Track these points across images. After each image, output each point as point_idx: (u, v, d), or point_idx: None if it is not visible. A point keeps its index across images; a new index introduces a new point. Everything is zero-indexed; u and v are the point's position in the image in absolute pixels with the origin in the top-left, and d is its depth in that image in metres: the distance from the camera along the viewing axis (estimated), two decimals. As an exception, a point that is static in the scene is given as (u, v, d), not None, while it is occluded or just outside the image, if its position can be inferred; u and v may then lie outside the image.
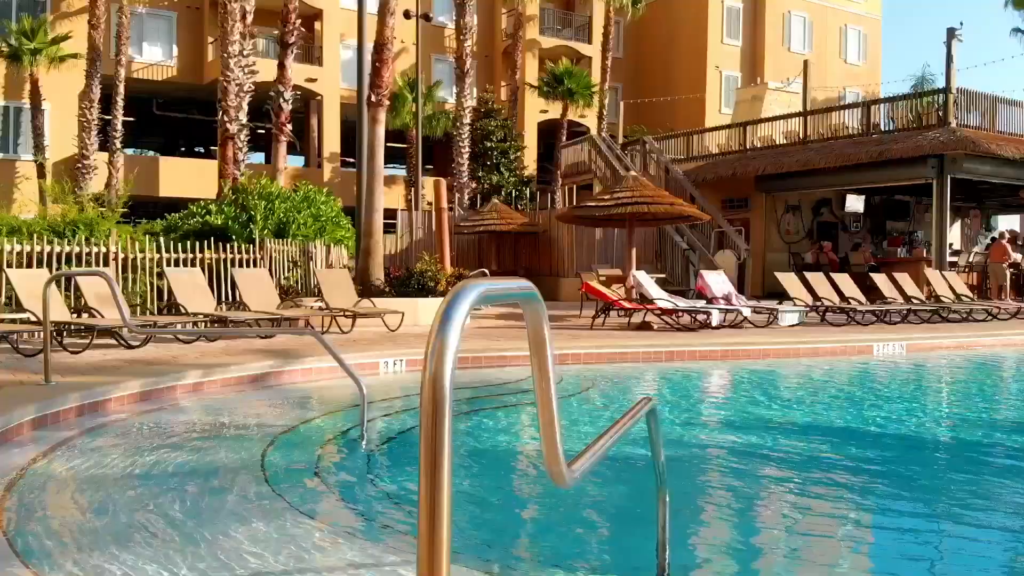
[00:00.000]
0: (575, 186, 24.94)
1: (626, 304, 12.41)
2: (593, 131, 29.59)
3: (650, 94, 35.01)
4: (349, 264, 14.08)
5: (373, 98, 13.17)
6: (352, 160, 18.43)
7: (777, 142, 22.20)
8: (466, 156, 27.56)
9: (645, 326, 12.13)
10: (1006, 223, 29.84)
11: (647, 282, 12.78)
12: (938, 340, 11.43)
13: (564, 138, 29.90)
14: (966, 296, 15.86)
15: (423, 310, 12.10)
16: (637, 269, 13.55)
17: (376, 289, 12.56)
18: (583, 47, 35.33)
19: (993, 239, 25.34)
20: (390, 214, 20.35)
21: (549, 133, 32.99)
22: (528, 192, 28.82)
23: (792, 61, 31.97)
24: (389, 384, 7.61)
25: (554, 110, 31.96)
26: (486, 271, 16.14)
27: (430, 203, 21.43)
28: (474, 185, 28.54)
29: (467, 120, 27.56)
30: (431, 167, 34.47)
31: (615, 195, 13.80)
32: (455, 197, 25.42)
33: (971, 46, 38.55)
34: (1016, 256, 20.05)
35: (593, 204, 14.43)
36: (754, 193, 22.32)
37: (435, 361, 1.07)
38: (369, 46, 13.69)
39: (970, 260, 22.32)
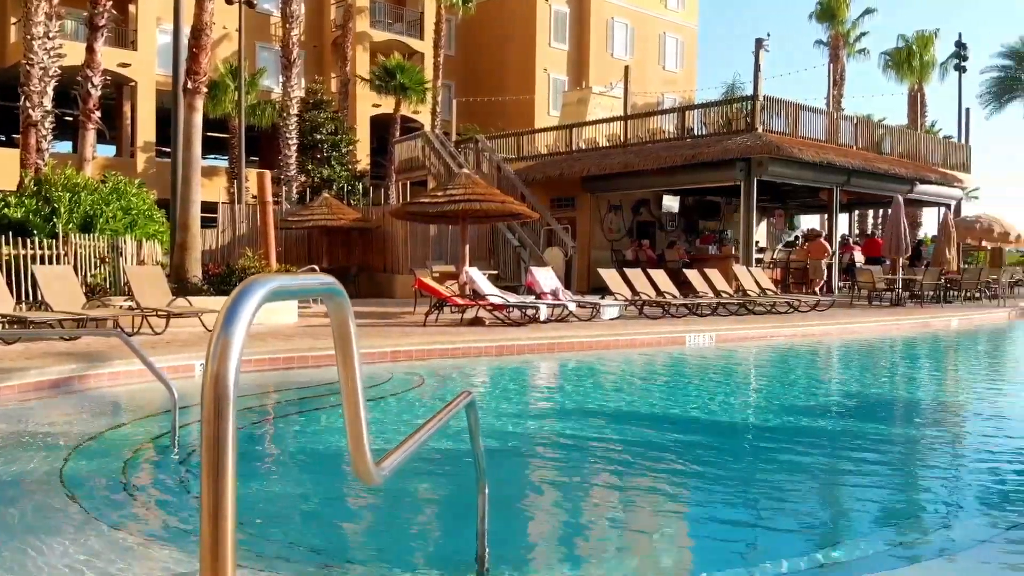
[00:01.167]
0: (409, 182, 24.84)
1: (459, 300, 12.49)
2: (427, 127, 29.58)
3: (482, 93, 35.42)
4: (163, 261, 13.32)
5: (190, 84, 12.52)
6: (169, 150, 17.38)
7: (601, 144, 23.09)
8: (294, 148, 26.78)
9: (477, 321, 12.26)
10: (807, 222, 32.60)
11: (479, 278, 12.92)
12: (744, 331, 12.29)
13: (397, 133, 29.70)
14: (770, 290, 17.12)
15: (247, 308, 11.66)
16: (470, 266, 13.67)
17: (193, 287, 11.96)
18: (415, 43, 35.21)
19: (797, 237, 27.73)
20: (211, 208, 19.43)
21: (383, 127, 32.66)
22: (361, 187, 28.39)
23: (615, 66, 33.32)
24: (208, 386, 7.26)
25: (387, 104, 31.66)
26: (316, 268, 15.74)
27: (255, 196, 20.67)
28: (303, 179, 27.79)
29: (294, 111, 26.78)
30: (257, 159, 33.24)
31: (448, 192, 13.87)
32: (282, 191, 24.65)
33: (779, 55, 41.68)
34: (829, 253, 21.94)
35: (427, 200, 14.42)
36: (580, 193, 23.10)
37: (218, 360, 1.03)
38: (186, 30, 13.01)
39: (774, 256, 24.15)
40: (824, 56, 38.20)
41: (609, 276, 14.70)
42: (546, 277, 14.04)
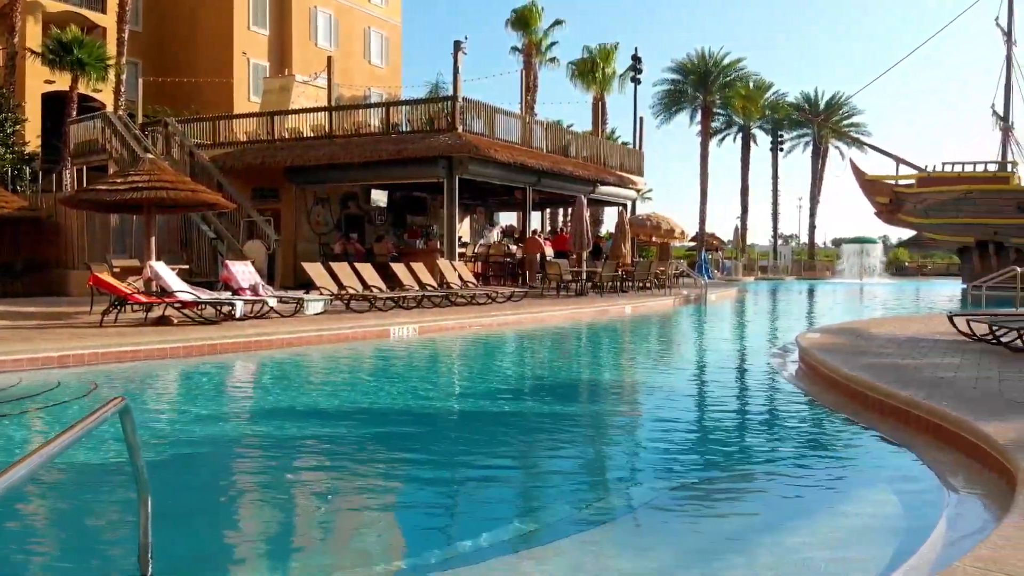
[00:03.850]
0: (87, 167, 22.49)
1: (142, 298, 11.55)
2: (109, 107, 26.93)
3: (174, 73, 32.95)
4: None
5: None
6: None
7: (305, 135, 22.54)
8: (-56, 127, 23.07)
9: (164, 320, 11.42)
10: (506, 219, 34.42)
11: (167, 273, 12.05)
12: (445, 322, 12.71)
13: (74, 113, 26.70)
14: (471, 283, 17.88)
15: None
16: (158, 259, 12.71)
17: None
18: (96, 16, 31.91)
19: (502, 232, 29.32)
20: None
21: (57, 106, 29.17)
22: (30, 172, 25.21)
23: (319, 56, 32.62)
24: None
25: (62, 81, 28.31)
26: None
27: None
28: (-44, 162, 24.06)
29: (-53, 84, 23.07)
30: None
31: (129, 179, 12.77)
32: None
33: (483, 59, 43.44)
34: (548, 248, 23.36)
35: (104, 188, 13.14)
36: (284, 184, 22.41)
37: None
38: None
39: (475, 251, 25.19)
40: (519, 63, 40.33)
41: (314, 270, 14.45)
42: (244, 271, 13.46)
